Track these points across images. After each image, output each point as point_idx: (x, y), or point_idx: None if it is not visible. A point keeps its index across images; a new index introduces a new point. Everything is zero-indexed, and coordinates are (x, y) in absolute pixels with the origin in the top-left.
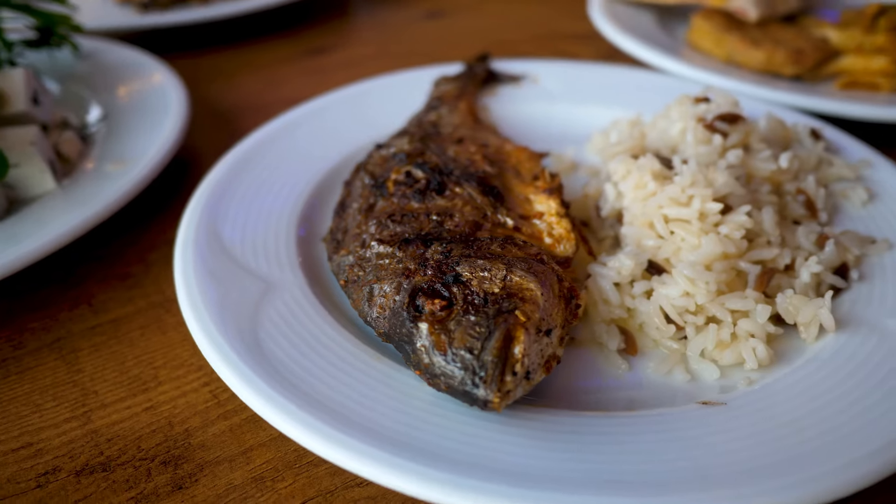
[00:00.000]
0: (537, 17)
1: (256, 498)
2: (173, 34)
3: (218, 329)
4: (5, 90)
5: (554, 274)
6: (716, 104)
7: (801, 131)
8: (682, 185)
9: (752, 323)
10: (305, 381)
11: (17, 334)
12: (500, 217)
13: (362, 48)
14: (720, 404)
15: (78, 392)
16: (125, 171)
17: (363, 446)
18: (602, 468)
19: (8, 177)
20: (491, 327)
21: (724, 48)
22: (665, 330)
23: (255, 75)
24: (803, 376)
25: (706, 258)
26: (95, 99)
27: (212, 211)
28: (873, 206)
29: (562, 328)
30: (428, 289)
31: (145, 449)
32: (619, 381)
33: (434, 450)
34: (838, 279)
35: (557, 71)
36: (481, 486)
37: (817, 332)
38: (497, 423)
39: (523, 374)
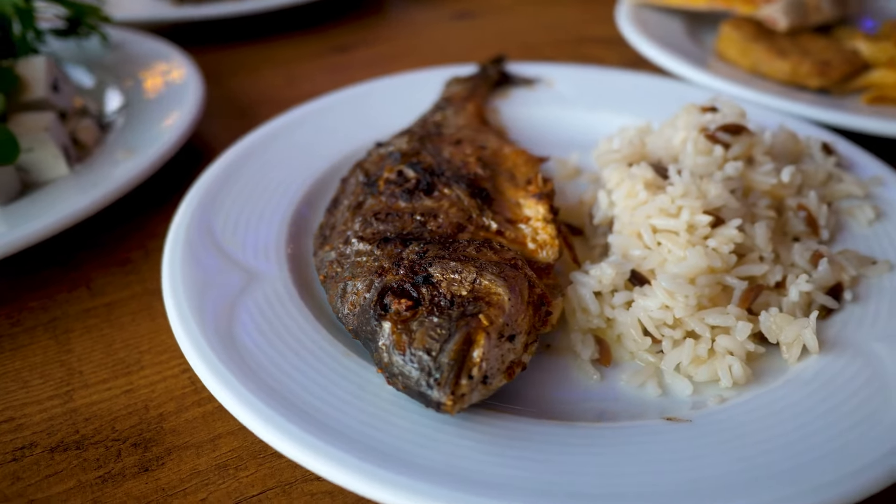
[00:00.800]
0: (566, 21)
1: (217, 484)
2: (203, 27)
3: (194, 316)
4: (26, 77)
5: (525, 280)
6: (722, 114)
7: (812, 145)
8: (672, 196)
9: (731, 340)
10: (271, 374)
11: (17, 312)
12: (484, 220)
13: (387, 47)
14: (685, 421)
15: (64, 371)
16: (131, 159)
17: (317, 442)
18: (552, 478)
19: (22, 161)
20: (452, 330)
21: (750, 58)
22: (641, 342)
23: (278, 70)
24: (778, 397)
25: (690, 271)
26: (119, 88)
27: (207, 202)
28: (880, 226)
29: (527, 335)
30: (397, 288)
31: (119, 430)
32: (590, 392)
33: (387, 450)
34: (830, 299)
35: (572, 75)
36: (429, 490)
37: (800, 352)
38: (455, 426)
39: (480, 379)
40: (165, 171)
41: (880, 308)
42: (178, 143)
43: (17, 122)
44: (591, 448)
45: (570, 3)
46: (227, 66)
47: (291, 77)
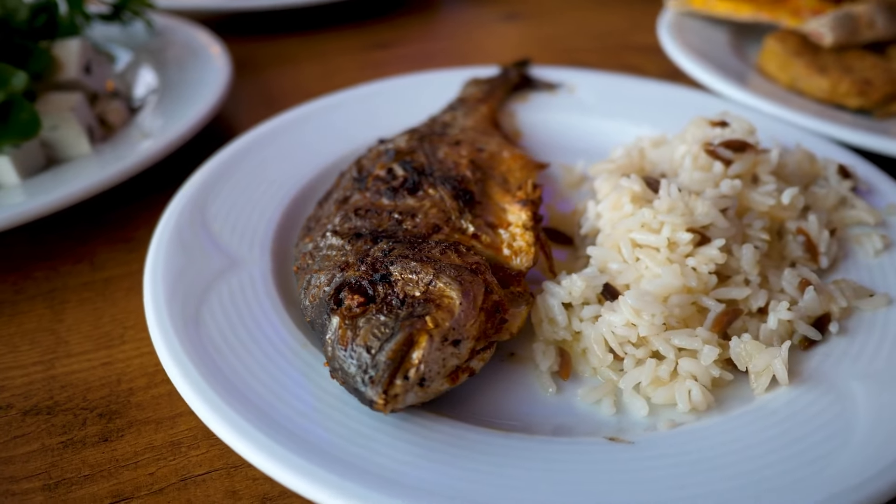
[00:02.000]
0: (613, 28)
1: (168, 460)
2: (247, 18)
3: (165, 294)
4: (60, 58)
5: (482, 285)
6: (731, 129)
7: (829, 167)
8: (656, 211)
9: (695, 364)
10: (224, 357)
11: (22, 280)
12: (462, 223)
13: (427, 45)
14: (627, 442)
15: (52, 340)
16: (146, 142)
17: (249, 427)
18: (469, 486)
19: (47, 137)
20: (396, 329)
21: (789, 73)
22: (603, 358)
23: (315, 64)
24: (733, 427)
25: (663, 289)
26: (154, 73)
27: (205, 188)
28: (887, 257)
29: (476, 340)
30: (355, 284)
31: (90, 400)
32: (546, 404)
33: (318, 442)
34: (812, 330)
35: (596, 82)
36: (349, 486)
37: (768, 383)
38: (392, 426)
39: (416, 381)
40: (189, 154)
41: (867, 344)
42: (193, 130)
43: (45, 101)
44: (521, 461)
45: (621, 10)
46: (265, 57)
47: (327, 71)
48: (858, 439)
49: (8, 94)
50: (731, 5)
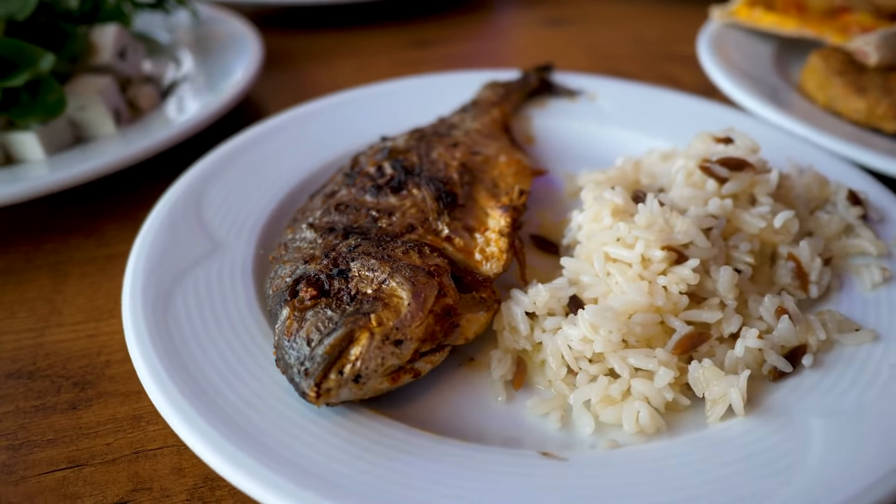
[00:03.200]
0: (657, 37)
1: (126, 432)
2: (291, 13)
3: (143, 272)
4: (96, 43)
5: (436, 288)
6: (734, 147)
7: (839, 191)
8: (632, 226)
9: (649, 385)
10: (184, 340)
11: (33, 250)
12: (438, 224)
13: (466, 45)
14: (560, 459)
15: (48, 309)
16: (164, 128)
17: (189, 408)
18: (393, 488)
19: (75, 117)
20: (339, 325)
21: (827, 92)
22: (557, 371)
23: (350, 59)
24: (674, 454)
25: (627, 306)
26: (193, 60)
27: (206, 174)
28: (884, 291)
29: (421, 342)
30: (313, 277)
31: (69, 369)
32: (495, 412)
33: (258, 434)
34: (783, 361)
35: (617, 91)
36: (269, 476)
37: (724, 411)
38: (330, 422)
39: (351, 377)
40: (214, 139)
41: (840, 381)
42: (208, 119)
43: (76, 83)
44: (449, 467)
45: (669, 19)
46: (302, 50)
47: (361, 67)
48: (802, 480)
49: (34, 74)
50: (776, 19)
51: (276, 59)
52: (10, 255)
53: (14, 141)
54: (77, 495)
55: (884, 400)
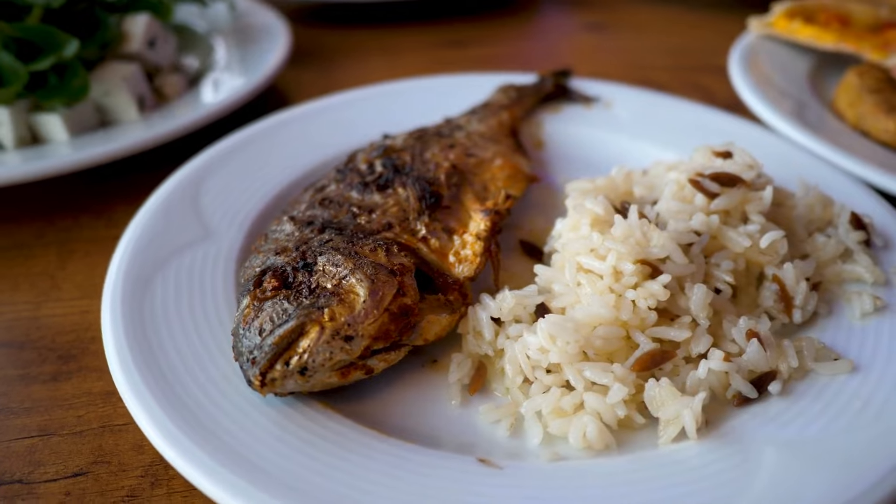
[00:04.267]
0: (695, 47)
1: (97, 406)
2: (330, 9)
3: (132, 253)
4: (128, 31)
5: (395, 287)
6: (732, 162)
7: (842, 214)
8: (607, 237)
9: (601, 400)
10: (155, 323)
11: (47, 226)
12: (417, 224)
13: (501, 47)
14: (496, 467)
15: (49, 284)
16: (179, 116)
17: (149, 395)
18: (326, 484)
19: (101, 102)
20: (292, 317)
21: (857, 110)
22: (512, 378)
23: (383, 57)
24: (614, 471)
25: (591, 318)
26: (226, 51)
27: (209, 163)
28: (874, 322)
29: (374, 340)
30: (279, 268)
31: (57, 342)
32: (449, 416)
33: (207, 422)
34: (748, 387)
35: (634, 100)
36: (213, 468)
37: (676, 433)
38: (281, 415)
39: (297, 369)
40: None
41: (806, 411)
42: (223, 111)
43: (104, 69)
44: (386, 466)
45: (710, 28)
46: (336, 46)
47: (393, 65)
48: None
49: (58, 59)
50: (814, 32)
51: (309, 53)
52: (25, 230)
53: (40, 121)
54: (41, 462)
55: (846, 434)
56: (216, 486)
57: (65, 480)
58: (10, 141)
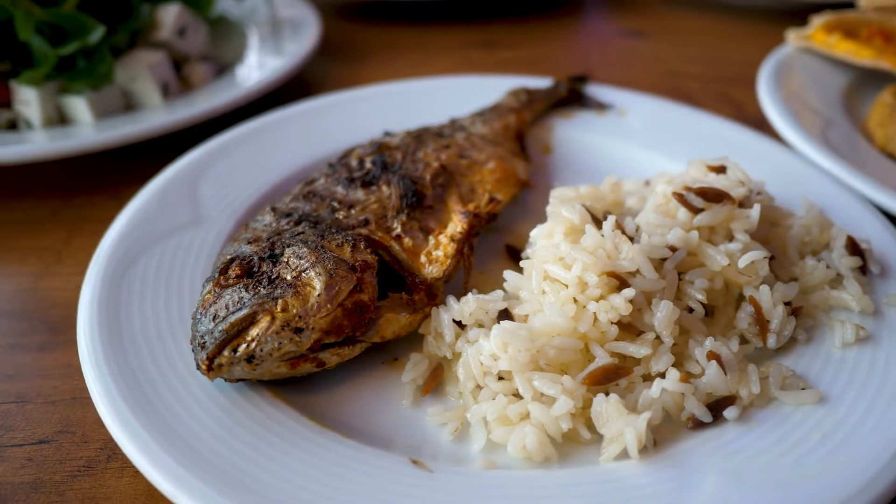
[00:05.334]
0: (734, 58)
1: (72, 378)
2: (367, 5)
3: (122, 233)
4: (159, 20)
5: (352, 283)
6: (725, 177)
7: (838, 237)
8: (575, 247)
9: (546, 412)
10: (128, 303)
11: (63, 203)
12: (393, 223)
13: (533, 51)
14: (427, 470)
15: (54, 258)
16: (198, 104)
17: (108, 375)
18: (251, 470)
19: (127, 87)
20: (246, 305)
21: (886, 131)
22: (463, 383)
23: (412, 55)
24: (543, 485)
25: (547, 328)
26: (258, 42)
27: (214, 151)
28: (854, 353)
29: (324, 334)
30: (246, 258)
31: (50, 314)
32: (400, 415)
33: (157, 406)
34: (702, 410)
35: (650, 109)
36: (157, 453)
37: (618, 451)
38: (232, 404)
39: (244, 357)
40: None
41: (760, 440)
42: (242, 101)
43: (132, 55)
44: (319, 460)
45: (749, 39)
46: (372, 42)
47: (420, 63)
48: None
49: (82, 44)
50: (852, 47)
51: (341, 47)
52: (42, 205)
53: (67, 103)
54: (12, 427)
55: (795, 469)
56: (150, 464)
57: (30, 447)
58: (38, 120)
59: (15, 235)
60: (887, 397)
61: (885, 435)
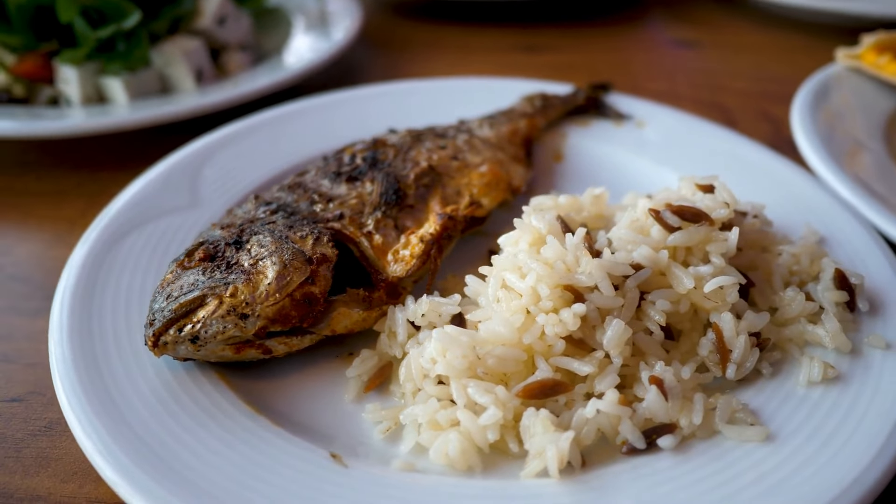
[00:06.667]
0: (784, 74)
1: None
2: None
3: (120, 209)
4: (201, 9)
5: (305, 275)
6: (711, 197)
7: (827, 269)
8: (534, 257)
9: (474, 420)
10: (105, 280)
11: (87, 178)
12: (367, 219)
13: (575, 56)
14: (343, 465)
15: (66, 229)
16: (227, 90)
17: (70, 356)
18: (170, 444)
19: (164, 72)
20: (198, 287)
21: None
22: (403, 384)
23: (454, 54)
24: (448, 493)
25: (491, 336)
26: (301, 34)
27: (224, 138)
28: (818, 391)
29: (270, 322)
30: (212, 243)
31: (49, 282)
32: (342, 410)
33: (109, 390)
34: (636, 435)
35: (670, 122)
36: (93, 423)
37: (540, 468)
38: (178, 384)
39: (189, 337)
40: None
41: (690, 475)
42: (268, 90)
43: (170, 41)
44: (243, 445)
45: (807, 55)
46: (413, 38)
47: (458, 63)
48: None
49: (117, 28)
50: None
51: (387, 41)
52: (69, 178)
53: (105, 83)
54: None
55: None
56: (80, 426)
57: (1, 403)
58: (77, 98)
59: (39, 204)
60: (839, 442)
61: (825, 481)
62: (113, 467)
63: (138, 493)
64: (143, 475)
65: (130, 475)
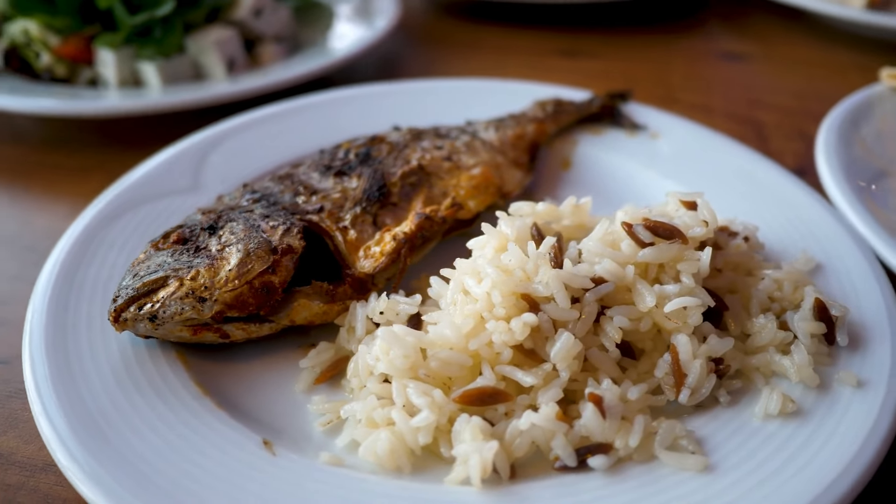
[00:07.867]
0: (827, 90)
1: None
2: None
3: (122, 189)
4: (239, 0)
5: (267, 264)
6: (692, 215)
7: (807, 298)
8: (493, 263)
9: (407, 421)
10: (91, 258)
11: (110, 157)
12: (346, 214)
13: (614, 63)
14: (272, 454)
15: (82, 204)
16: (254, 80)
17: (43, 318)
18: (116, 425)
19: (197, 59)
20: (163, 268)
21: None
22: (349, 378)
23: (492, 55)
24: (364, 490)
25: (438, 339)
26: (343, 28)
27: (233, 128)
28: (773, 425)
29: (227, 307)
30: (188, 227)
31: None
32: (294, 399)
33: (68, 355)
34: (568, 452)
35: (684, 135)
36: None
37: (464, 475)
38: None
39: (148, 315)
40: None
41: (616, 498)
42: (291, 82)
43: (205, 30)
44: (184, 428)
45: (859, 73)
46: (453, 37)
47: (496, 65)
48: None
49: (150, 16)
50: None
51: (429, 39)
52: (93, 156)
53: (140, 68)
54: None
55: None
56: (36, 396)
57: None
58: (114, 80)
59: (63, 180)
60: (780, 480)
61: None
62: (52, 430)
63: (71, 461)
64: (77, 443)
65: (66, 441)
